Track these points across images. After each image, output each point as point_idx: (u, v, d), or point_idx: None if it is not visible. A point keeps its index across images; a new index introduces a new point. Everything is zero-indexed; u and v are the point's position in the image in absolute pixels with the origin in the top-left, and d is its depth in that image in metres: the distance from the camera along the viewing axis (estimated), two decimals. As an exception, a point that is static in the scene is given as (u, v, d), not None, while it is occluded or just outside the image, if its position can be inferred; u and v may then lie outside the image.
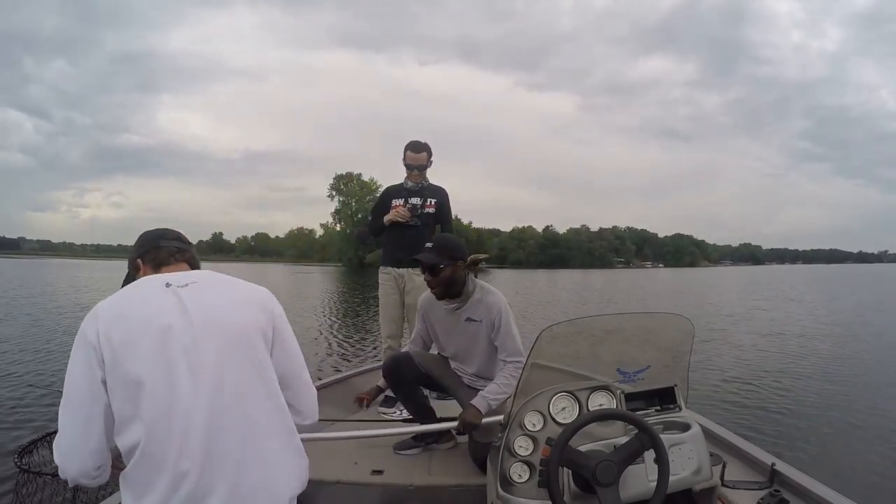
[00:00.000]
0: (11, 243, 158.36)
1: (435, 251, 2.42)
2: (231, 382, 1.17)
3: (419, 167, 3.50)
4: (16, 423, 4.78)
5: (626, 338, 1.85)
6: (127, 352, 1.12)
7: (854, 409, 6.03)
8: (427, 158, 3.53)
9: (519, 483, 1.61)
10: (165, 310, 1.18)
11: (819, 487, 1.79)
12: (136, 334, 1.14)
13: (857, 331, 12.35)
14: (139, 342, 1.13)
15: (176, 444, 1.10)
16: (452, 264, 2.42)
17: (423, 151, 3.51)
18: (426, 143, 3.57)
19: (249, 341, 1.22)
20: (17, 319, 11.95)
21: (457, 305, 2.53)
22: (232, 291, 1.31)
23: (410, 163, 3.50)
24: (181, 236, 1.49)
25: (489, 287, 2.56)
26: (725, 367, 8.14)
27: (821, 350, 9.79)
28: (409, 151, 3.50)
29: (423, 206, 3.50)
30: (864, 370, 8.17)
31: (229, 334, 1.20)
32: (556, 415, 1.69)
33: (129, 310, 1.19)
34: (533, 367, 1.73)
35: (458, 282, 2.46)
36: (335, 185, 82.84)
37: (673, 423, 1.73)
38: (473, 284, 2.52)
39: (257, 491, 1.17)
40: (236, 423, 1.16)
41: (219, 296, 1.28)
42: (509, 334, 2.45)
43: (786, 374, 7.78)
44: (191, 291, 1.23)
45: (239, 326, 1.22)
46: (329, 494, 2.28)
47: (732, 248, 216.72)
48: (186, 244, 1.47)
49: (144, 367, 1.11)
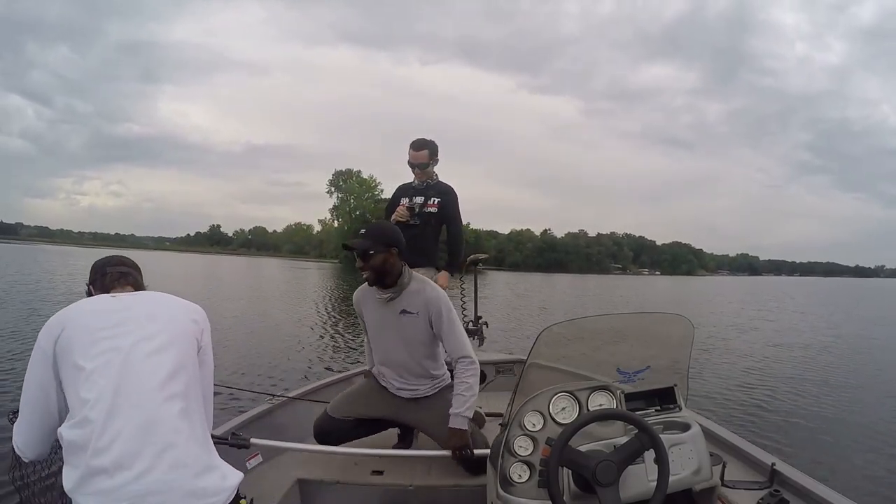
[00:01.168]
0: (9, 228, 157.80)
1: (367, 236, 2.35)
2: (169, 363, 1.31)
3: (420, 165, 3.43)
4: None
5: (625, 338, 1.84)
6: (74, 347, 1.26)
7: (854, 410, 6.09)
8: (429, 157, 3.44)
9: (519, 483, 1.60)
10: (113, 309, 1.36)
11: (819, 487, 1.79)
12: (84, 330, 1.29)
13: (858, 342, 12.48)
14: (85, 337, 1.28)
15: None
16: (385, 251, 2.33)
17: (423, 149, 3.43)
18: (430, 141, 3.48)
19: (188, 336, 1.40)
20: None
21: (390, 296, 2.42)
22: (171, 302, 1.48)
23: (412, 161, 3.44)
24: (126, 261, 1.63)
25: (429, 280, 2.50)
26: (726, 369, 8.22)
27: (822, 357, 9.89)
28: (410, 150, 3.43)
29: (424, 205, 3.42)
30: (864, 376, 8.26)
31: (172, 332, 1.37)
32: (556, 415, 1.68)
33: (77, 313, 1.35)
34: (533, 367, 1.73)
35: (392, 270, 2.37)
36: (334, 181, 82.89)
37: (673, 423, 1.73)
38: (410, 275, 2.44)
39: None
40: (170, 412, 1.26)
41: (163, 299, 1.47)
42: (453, 331, 2.38)
43: (787, 378, 7.90)
44: (135, 298, 1.45)
45: (181, 328, 1.40)
46: (329, 494, 2.28)
47: (730, 258, 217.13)
48: (131, 268, 1.61)
49: (90, 359, 1.26)
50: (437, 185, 3.49)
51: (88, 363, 1.23)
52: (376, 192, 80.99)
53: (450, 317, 2.38)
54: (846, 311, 23.59)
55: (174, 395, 1.26)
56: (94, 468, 1.13)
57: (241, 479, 1.31)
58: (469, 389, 2.32)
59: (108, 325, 1.30)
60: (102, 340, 1.27)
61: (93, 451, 1.14)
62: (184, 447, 1.21)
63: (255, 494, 1.91)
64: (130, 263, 1.62)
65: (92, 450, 1.14)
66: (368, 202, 78.57)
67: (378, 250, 2.32)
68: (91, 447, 1.14)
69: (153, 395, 1.23)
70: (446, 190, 3.50)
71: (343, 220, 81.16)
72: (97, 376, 1.22)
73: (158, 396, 1.24)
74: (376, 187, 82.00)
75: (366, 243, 2.32)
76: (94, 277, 1.58)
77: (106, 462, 1.13)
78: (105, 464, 1.13)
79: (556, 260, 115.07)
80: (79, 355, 1.25)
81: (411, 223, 3.37)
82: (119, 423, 1.17)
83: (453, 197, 3.50)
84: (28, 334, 8.12)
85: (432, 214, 3.43)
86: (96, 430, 1.15)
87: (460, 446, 2.25)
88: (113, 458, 1.14)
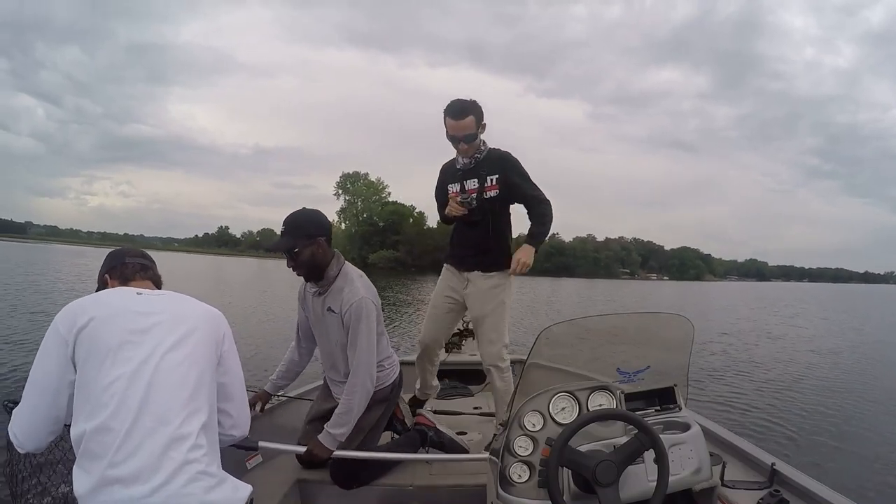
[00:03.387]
0: (18, 227, 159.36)
1: (287, 234, 2.16)
2: (194, 376, 1.30)
3: (466, 138, 2.53)
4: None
5: (626, 338, 1.84)
6: (100, 344, 1.23)
7: (854, 411, 6.06)
8: (475, 123, 2.53)
9: (519, 483, 1.61)
10: (142, 311, 1.32)
11: (819, 487, 1.78)
12: (113, 328, 1.26)
13: (861, 347, 12.39)
14: (113, 337, 1.24)
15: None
16: (311, 242, 2.16)
17: (467, 115, 2.50)
18: (472, 101, 2.55)
19: (210, 346, 1.37)
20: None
21: (319, 290, 2.27)
22: (195, 308, 1.43)
23: (454, 133, 2.54)
24: (145, 254, 1.59)
25: (356, 276, 2.26)
26: (727, 370, 8.17)
27: (824, 360, 9.82)
28: (448, 119, 2.52)
29: (481, 189, 2.62)
30: (865, 378, 8.19)
31: (197, 341, 1.33)
32: (556, 415, 1.69)
33: (105, 307, 1.30)
34: (533, 367, 1.73)
35: (323, 262, 2.20)
36: (341, 183, 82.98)
37: (673, 423, 1.73)
38: (338, 269, 2.24)
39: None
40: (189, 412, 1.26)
41: (187, 305, 1.42)
42: (356, 341, 2.16)
43: (788, 379, 7.83)
44: (162, 300, 1.39)
45: (206, 337, 1.36)
46: (329, 494, 2.28)
47: (738, 263, 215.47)
48: (150, 262, 1.57)
49: (117, 363, 1.23)
50: (489, 158, 2.63)
51: (114, 367, 1.21)
52: (384, 195, 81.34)
53: (359, 328, 2.15)
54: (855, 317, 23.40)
55: (197, 410, 1.26)
56: (111, 478, 1.12)
57: (251, 492, 1.31)
58: (348, 412, 2.16)
59: (137, 329, 1.27)
60: (130, 345, 1.24)
61: (111, 461, 1.13)
62: (202, 462, 1.21)
63: (255, 494, 1.92)
64: (149, 257, 1.59)
65: (110, 460, 1.13)
66: (376, 205, 78.80)
67: (303, 244, 2.15)
68: (110, 457, 1.13)
69: (178, 411, 1.22)
70: (502, 157, 2.63)
71: (350, 222, 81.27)
72: (123, 383, 1.19)
73: (183, 412, 1.23)
74: (384, 189, 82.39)
75: (288, 241, 2.16)
76: (112, 264, 1.53)
77: (124, 473, 1.13)
78: (122, 475, 1.13)
79: (564, 265, 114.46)
80: (105, 354, 1.22)
81: (473, 219, 2.65)
82: (141, 435, 1.16)
83: (513, 162, 2.63)
84: (34, 332, 8.20)
85: (495, 199, 2.62)
86: (117, 441, 1.14)
87: (314, 457, 2.15)
88: (131, 471, 1.13)
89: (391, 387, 2.45)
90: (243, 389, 1.52)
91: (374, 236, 75.50)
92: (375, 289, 2.30)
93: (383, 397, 2.41)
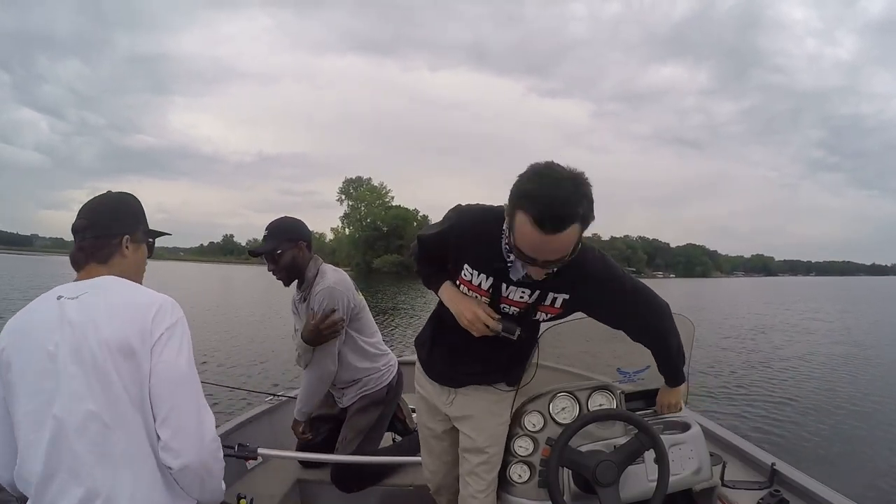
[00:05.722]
0: (24, 240, 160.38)
1: (271, 237, 2.22)
2: (95, 410, 1.06)
3: (558, 262, 1.28)
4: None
5: (626, 338, 1.84)
6: (15, 378, 1.10)
7: (854, 411, 6.03)
8: (579, 234, 1.25)
9: (519, 483, 1.61)
10: (49, 329, 1.11)
11: (819, 487, 1.78)
12: (23, 362, 1.11)
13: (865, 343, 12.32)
14: (24, 370, 1.10)
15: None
16: (293, 246, 2.22)
17: (570, 224, 1.20)
18: (578, 189, 1.21)
19: (115, 363, 1.08)
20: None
21: (303, 295, 2.31)
22: (116, 302, 1.14)
23: (535, 256, 1.26)
24: (88, 213, 1.26)
25: (331, 272, 2.28)
26: (728, 370, 8.14)
27: (825, 359, 9.78)
28: (531, 226, 1.20)
29: (533, 308, 1.47)
30: (867, 378, 8.17)
31: (96, 355, 1.07)
32: (556, 415, 1.69)
33: (22, 333, 1.14)
34: (533, 367, 1.73)
35: (301, 265, 2.26)
36: (344, 189, 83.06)
37: (673, 423, 1.73)
38: (315, 270, 2.28)
39: None
40: (94, 459, 1.06)
41: (101, 310, 1.12)
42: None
43: (788, 378, 7.84)
44: (77, 306, 1.13)
45: (106, 345, 1.08)
46: (329, 494, 2.29)
47: (745, 258, 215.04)
48: (88, 226, 1.24)
49: (24, 402, 1.09)
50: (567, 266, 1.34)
51: (22, 408, 1.08)
52: (387, 200, 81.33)
53: (320, 308, 2.17)
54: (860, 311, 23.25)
55: (112, 449, 1.06)
56: None
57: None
58: (307, 389, 2.30)
59: (42, 359, 1.08)
60: (37, 381, 1.08)
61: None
62: (128, 498, 1.06)
63: (255, 494, 1.93)
64: (90, 216, 1.26)
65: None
66: (379, 209, 78.86)
67: (286, 247, 2.21)
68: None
69: (88, 457, 1.05)
70: (588, 274, 1.41)
71: (354, 227, 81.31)
72: (29, 428, 1.08)
73: (94, 453, 1.05)
74: (387, 194, 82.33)
75: (271, 244, 2.21)
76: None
77: None
78: None
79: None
80: (17, 391, 1.09)
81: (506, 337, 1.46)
82: (55, 488, 1.05)
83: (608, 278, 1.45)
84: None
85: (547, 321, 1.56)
86: (34, 494, 1.06)
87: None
88: None
89: (387, 388, 2.42)
90: (181, 405, 1.13)
91: (378, 241, 75.40)
92: (350, 282, 2.29)
93: (379, 399, 2.39)
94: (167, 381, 1.11)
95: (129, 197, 1.34)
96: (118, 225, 1.26)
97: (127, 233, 1.26)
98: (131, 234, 1.27)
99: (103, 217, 1.26)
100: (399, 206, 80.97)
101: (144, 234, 1.32)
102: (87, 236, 1.23)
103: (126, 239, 1.26)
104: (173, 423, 1.09)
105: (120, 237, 1.25)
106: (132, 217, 1.30)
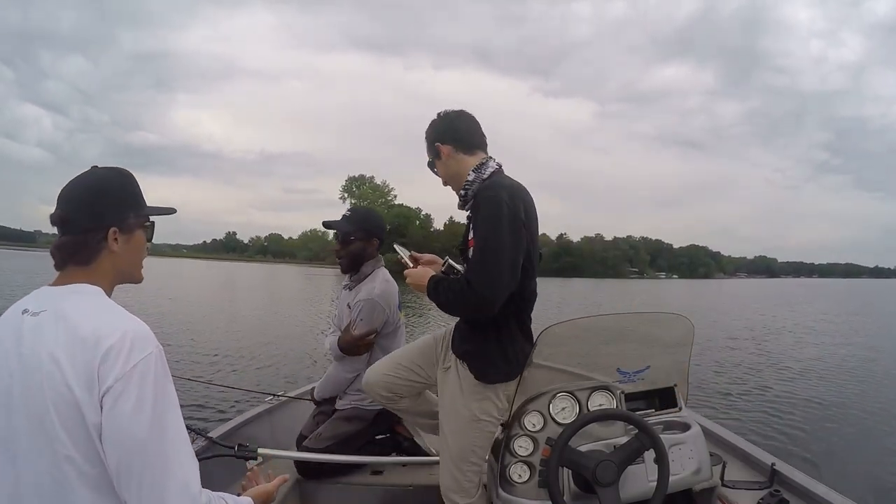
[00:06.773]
0: (28, 236, 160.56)
1: (350, 221, 2.26)
2: (32, 477, 0.89)
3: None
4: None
5: (626, 338, 1.84)
6: None
7: (854, 411, 6.03)
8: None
9: (519, 483, 1.61)
10: (5, 354, 0.94)
11: (819, 487, 1.78)
12: None
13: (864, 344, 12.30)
14: None
15: None
16: (366, 238, 2.26)
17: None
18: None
19: (60, 416, 0.87)
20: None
21: (350, 284, 2.35)
22: (68, 333, 0.91)
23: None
24: (63, 205, 1.02)
25: (381, 279, 2.29)
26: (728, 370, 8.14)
27: (825, 359, 9.78)
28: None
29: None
30: (867, 378, 8.17)
31: (41, 404, 0.88)
32: (556, 415, 1.69)
33: None
34: (533, 367, 1.73)
35: (364, 259, 2.29)
36: (347, 186, 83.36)
37: (673, 423, 1.73)
38: (372, 269, 2.31)
39: None
40: None
41: (50, 342, 0.91)
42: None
43: (789, 378, 7.85)
44: (33, 329, 0.93)
45: (53, 391, 0.88)
46: (329, 494, 2.29)
47: (748, 260, 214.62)
48: (68, 219, 1.01)
49: None
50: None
51: None
52: (389, 198, 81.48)
53: (357, 314, 2.20)
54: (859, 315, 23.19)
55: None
56: None
57: None
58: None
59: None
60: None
61: None
62: None
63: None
64: (70, 204, 1.02)
65: None
66: (382, 208, 78.96)
67: (359, 237, 2.24)
68: None
69: None
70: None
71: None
72: None
73: None
74: (389, 192, 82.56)
75: (348, 227, 2.23)
76: None
77: None
78: None
79: (573, 264, 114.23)
80: None
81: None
82: None
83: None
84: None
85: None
86: None
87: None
88: None
89: (380, 411, 2.32)
90: (146, 470, 0.88)
91: (380, 240, 75.49)
92: (395, 298, 2.31)
93: (367, 417, 2.35)
94: (119, 447, 0.87)
95: (115, 175, 1.08)
96: (99, 218, 1.01)
97: (113, 225, 1.02)
98: (119, 224, 1.02)
99: (80, 210, 1.01)
100: (401, 205, 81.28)
101: (138, 219, 1.08)
102: (64, 233, 1.01)
103: (113, 231, 1.01)
104: (136, 499, 0.87)
105: (104, 231, 1.01)
106: (117, 204, 1.04)
